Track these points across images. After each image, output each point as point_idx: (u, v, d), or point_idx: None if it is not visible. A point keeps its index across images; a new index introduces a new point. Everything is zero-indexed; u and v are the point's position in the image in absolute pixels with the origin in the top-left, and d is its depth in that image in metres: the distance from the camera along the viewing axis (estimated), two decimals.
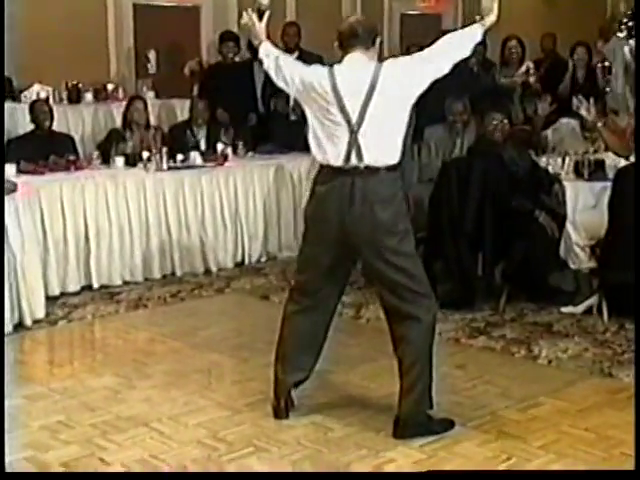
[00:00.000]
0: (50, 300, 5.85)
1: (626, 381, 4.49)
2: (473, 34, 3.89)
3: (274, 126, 8.11)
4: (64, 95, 8.33)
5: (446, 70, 3.80)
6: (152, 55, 9.15)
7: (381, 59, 3.84)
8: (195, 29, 9.86)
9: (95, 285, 6.30)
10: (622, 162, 5.80)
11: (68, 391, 4.43)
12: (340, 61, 3.85)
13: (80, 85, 8.40)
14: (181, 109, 8.57)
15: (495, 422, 4.01)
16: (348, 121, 3.72)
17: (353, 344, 4.96)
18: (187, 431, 3.95)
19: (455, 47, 3.83)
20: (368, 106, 3.70)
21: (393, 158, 3.78)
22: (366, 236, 3.75)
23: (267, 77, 8.54)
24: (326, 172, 3.82)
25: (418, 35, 9.24)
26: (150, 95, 8.56)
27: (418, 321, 3.78)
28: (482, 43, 4.19)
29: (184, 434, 3.92)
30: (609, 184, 5.42)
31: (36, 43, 8.26)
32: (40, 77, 8.07)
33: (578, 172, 5.94)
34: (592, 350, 4.97)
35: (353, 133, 3.72)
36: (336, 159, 3.76)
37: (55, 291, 6.06)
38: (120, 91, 8.68)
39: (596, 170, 5.89)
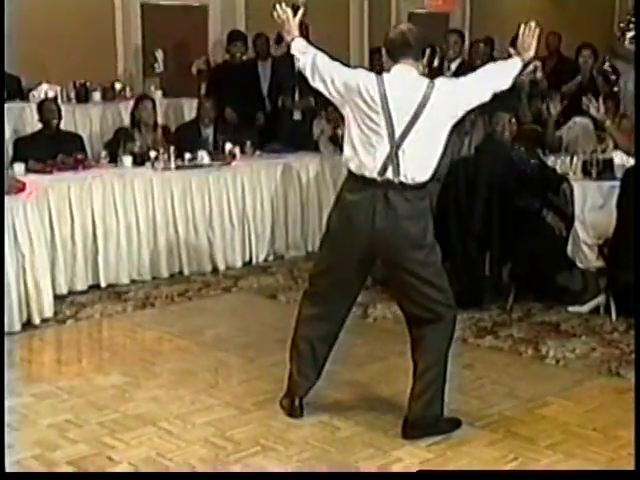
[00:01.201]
0: (58, 299, 5.86)
1: (634, 381, 4.46)
2: (513, 67, 3.86)
3: (281, 125, 8.12)
4: (72, 94, 8.34)
5: (487, 99, 3.82)
6: (159, 54, 9.15)
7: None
8: (202, 28, 9.87)
9: (103, 284, 6.31)
10: (631, 161, 5.79)
11: (76, 390, 4.44)
12: (388, 70, 3.76)
13: (88, 84, 8.40)
14: (189, 108, 8.56)
15: (503, 422, 4.01)
16: (391, 134, 3.66)
17: (360, 343, 4.96)
18: (194, 430, 3.96)
19: (497, 78, 3.83)
20: (415, 123, 3.65)
21: (427, 175, 3.75)
22: (395, 250, 3.73)
23: (274, 75, 8.54)
24: (357, 181, 3.74)
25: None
26: (158, 94, 8.57)
27: (437, 324, 3.78)
28: (492, 43, 4.20)
29: (191, 433, 3.93)
30: (617, 183, 5.41)
31: (44, 42, 8.28)
32: (48, 76, 8.08)
33: (586, 171, 5.93)
34: (600, 350, 4.96)
35: (394, 147, 3.66)
36: (372, 170, 3.69)
37: (63, 290, 6.07)
38: (128, 90, 8.68)
39: (604, 169, 5.89)
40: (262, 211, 7.10)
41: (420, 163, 3.71)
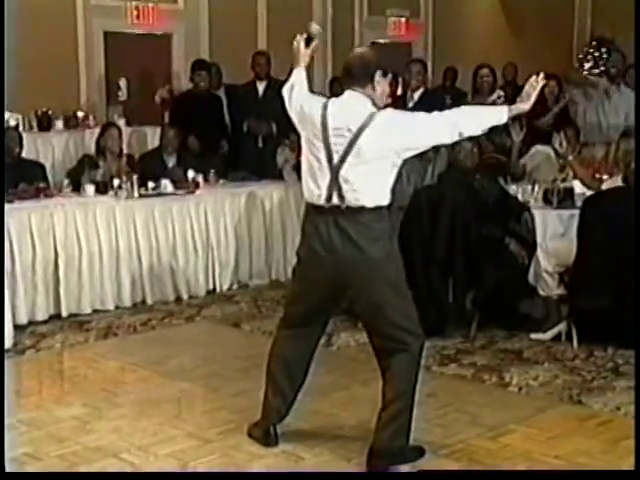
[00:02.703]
0: (18, 329, 5.78)
1: (595, 408, 4.52)
2: (492, 117, 3.70)
3: (245, 153, 8.14)
4: (34, 123, 8.30)
5: (423, 148, 3.71)
6: (123, 82, 9.14)
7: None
8: (166, 57, 9.88)
9: (64, 314, 6.24)
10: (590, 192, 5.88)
11: (35, 422, 4.37)
12: (340, 95, 3.76)
13: (50, 112, 8.37)
14: (152, 137, 8.55)
15: (466, 450, 4.01)
16: (329, 161, 3.66)
17: (324, 372, 4.94)
18: (157, 461, 3.92)
19: (459, 123, 3.61)
20: (350, 152, 3.61)
21: (377, 200, 3.66)
22: (358, 275, 3.70)
23: (235, 103, 8.53)
24: (311, 209, 3.78)
25: None
26: (121, 122, 8.53)
27: (404, 354, 3.75)
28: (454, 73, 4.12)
29: (154, 465, 3.88)
30: (577, 212, 5.48)
31: (6, 70, 8.23)
32: (10, 105, 8.03)
33: (547, 200, 5.99)
34: (562, 377, 4.99)
35: (334, 174, 3.65)
36: (319, 198, 3.70)
37: (23, 320, 5.99)
38: (91, 119, 8.66)
39: (565, 198, 5.95)
40: (226, 239, 7.09)
41: (363, 190, 3.64)
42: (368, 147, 3.59)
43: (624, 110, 8.02)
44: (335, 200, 3.67)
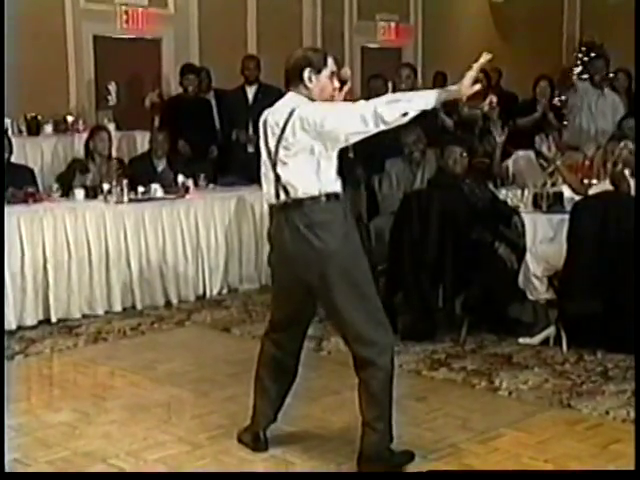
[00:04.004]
0: (7, 334, 5.76)
1: (585, 412, 4.52)
2: (424, 101, 3.57)
3: (234, 158, 8.13)
4: (23, 127, 8.28)
5: (371, 128, 3.56)
6: (112, 87, 9.12)
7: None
8: (156, 61, 9.86)
9: (53, 319, 6.22)
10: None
11: (24, 427, 4.35)
12: None
13: (39, 117, 8.35)
14: (141, 141, 8.55)
15: (456, 454, 4.01)
16: (270, 157, 3.76)
17: (314, 377, 4.94)
18: (147, 467, 3.90)
19: (389, 108, 3.53)
20: (280, 144, 3.70)
21: (315, 190, 3.67)
22: (312, 269, 3.69)
23: (224, 108, 8.54)
24: (271, 213, 3.87)
25: (379, 68, 9.32)
26: (110, 127, 8.52)
27: (372, 370, 3.72)
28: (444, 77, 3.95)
29: (143, 470, 3.87)
30: (567, 216, 5.49)
31: None
32: None
33: (536, 204, 6.00)
34: (552, 381, 5.00)
35: (274, 170, 3.74)
36: (271, 197, 3.79)
37: (12, 325, 5.98)
38: (80, 123, 8.64)
39: (554, 202, 5.97)
40: (216, 244, 7.08)
41: (298, 182, 3.68)
42: (292, 139, 3.66)
43: (611, 114, 8.05)
44: (282, 196, 3.74)
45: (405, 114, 3.54)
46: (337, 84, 3.81)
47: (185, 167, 7.37)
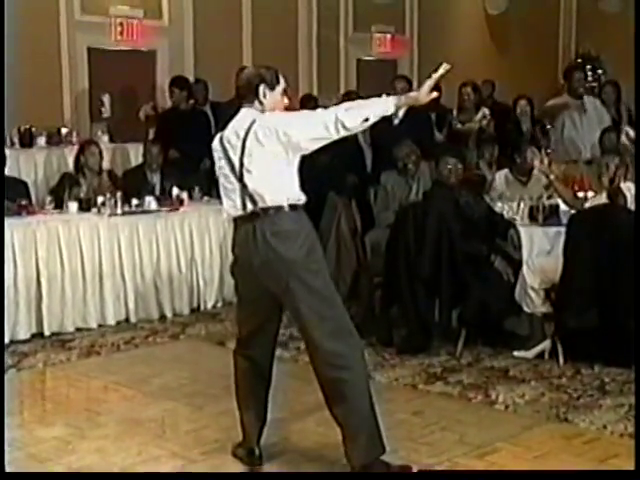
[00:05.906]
0: None
1: (582, 426, 4.49)
2: (383, 108, 3.70)
3: None
4: (16, 139, 8.25)
5: (333, 134, 3.65)
6: (106, 99, 9.10)
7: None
8: (150, 73, 9.84)
9: (46, 332, 6.19)
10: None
11: (16, 442, 4.30)
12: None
13: (33, 129, 8.31)
14: (135, 153, 8.51)
15: (453, 469, 3.97)
16: (233, 171, 3.78)
17: (309, 391, 4.88)
18: None
19: (349, 114, 3.63)
20: (244, 155, 3.74)
21: (282, 199, 3.73)
22: (278, 277, 3.72)
23: (220, 120, 8.59)
24: (235, 226, 3.87)
25: (374, 80, 9.33)
26: (104, 139, 8.51)
27: (343, 386, 3.71)
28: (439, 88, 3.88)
29: None
30: (563, 229, 5.47)
31: None
32: None
33: (533, 217, 5.99)
34: (548, 395, 4.97)
35: (239, 181, 3.77)
36: (237, 209, 3.80)
37: (4, 338, 5.92)
38: (74, 135, 8.61)
39: (550, 215, 5.95)
40: (210, 257, 7.05)
41: (264, 190, 3.73)
42: (254, 148, 3.71)
43: (599, 127, 8.05)
44: (249, 206, 3.77)
45: (366, 120, 3.66)
46: (287, 101, 3.91)
47: (179, 179, 7.33)
